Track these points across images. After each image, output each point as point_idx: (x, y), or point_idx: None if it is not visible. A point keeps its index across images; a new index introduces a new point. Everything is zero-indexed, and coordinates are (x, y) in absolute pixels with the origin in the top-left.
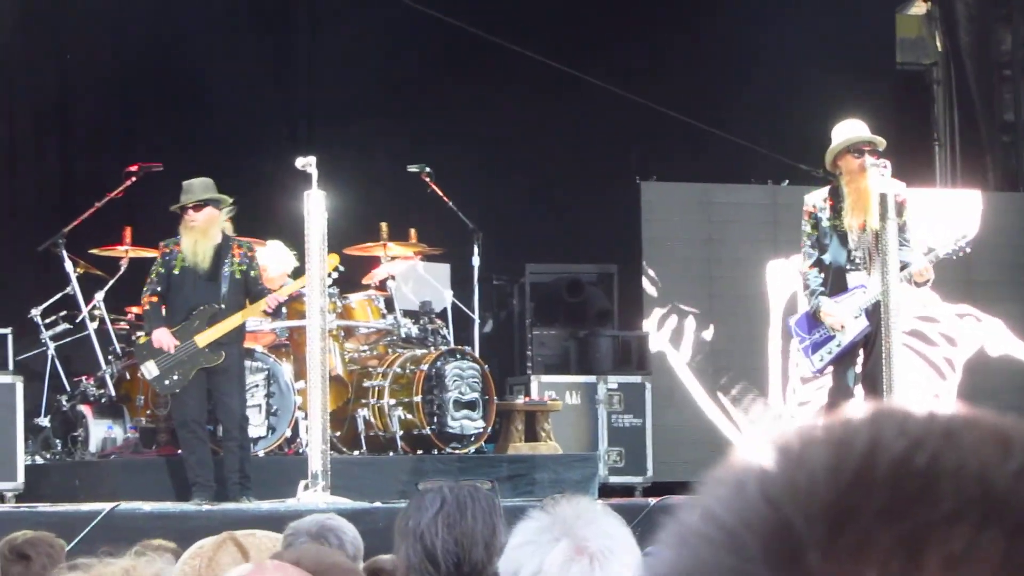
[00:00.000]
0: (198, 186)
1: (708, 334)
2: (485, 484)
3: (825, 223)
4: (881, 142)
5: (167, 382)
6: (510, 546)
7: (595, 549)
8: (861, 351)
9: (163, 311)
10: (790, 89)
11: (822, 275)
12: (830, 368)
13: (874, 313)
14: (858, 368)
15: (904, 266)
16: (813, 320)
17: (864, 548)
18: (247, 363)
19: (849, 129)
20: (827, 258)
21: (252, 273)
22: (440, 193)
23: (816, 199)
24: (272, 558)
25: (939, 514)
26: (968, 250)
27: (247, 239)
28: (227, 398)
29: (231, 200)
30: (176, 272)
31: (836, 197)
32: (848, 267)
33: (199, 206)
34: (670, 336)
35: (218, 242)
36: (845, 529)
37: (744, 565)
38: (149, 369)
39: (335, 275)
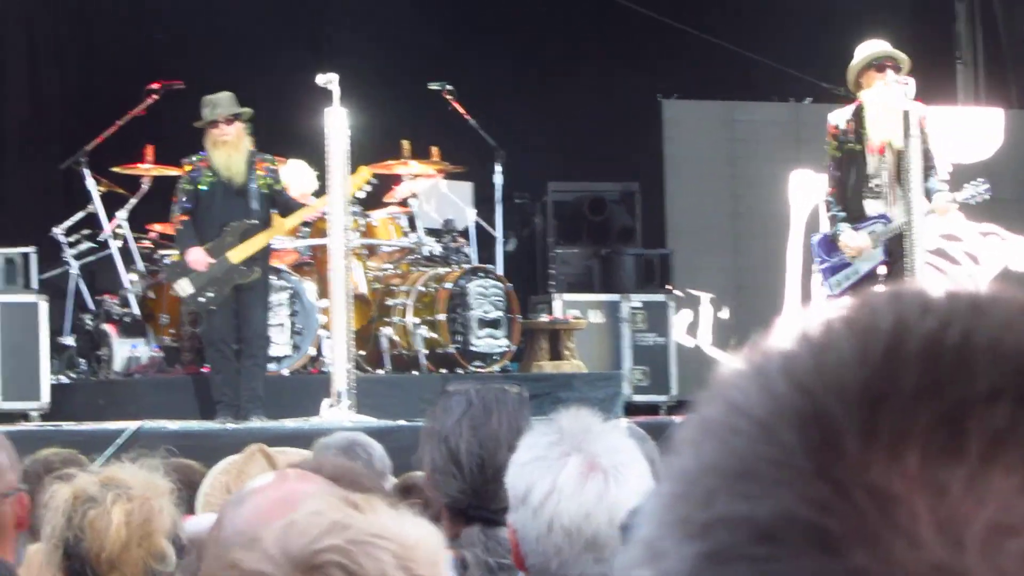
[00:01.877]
0: (226, 100)
1: (730, 252)
2: (514, 388)
3: (848, 146)
4: (904, 59)
5: (202, 299)
6: (518, 462)
7: (608, 465)
8: (880, 281)
9: (194, 229)
10: (812, 6)
11: (840, 198)
12: (845, 295)
13: (893, 245)
14: None
15: (928, 193)
16: (832, 244)
17: (903, 430)
18: (271, 281)
19: (870, 46)
20: (849, 182)
21: (277, 187)
22: (462, 111)
23: (839, 119)
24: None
25: (977, 392)
26: (988, 196)
27: (268, 154)
28: (252, 316)
29: (252, 113)
30: (204, 188)
31: (858, 119)
32: (865, 193)
33: (230, 119)
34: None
35: (248, 155)
36: (882, 412)
37: (782, 455)
38: (183, 287)
39: (368, 188)
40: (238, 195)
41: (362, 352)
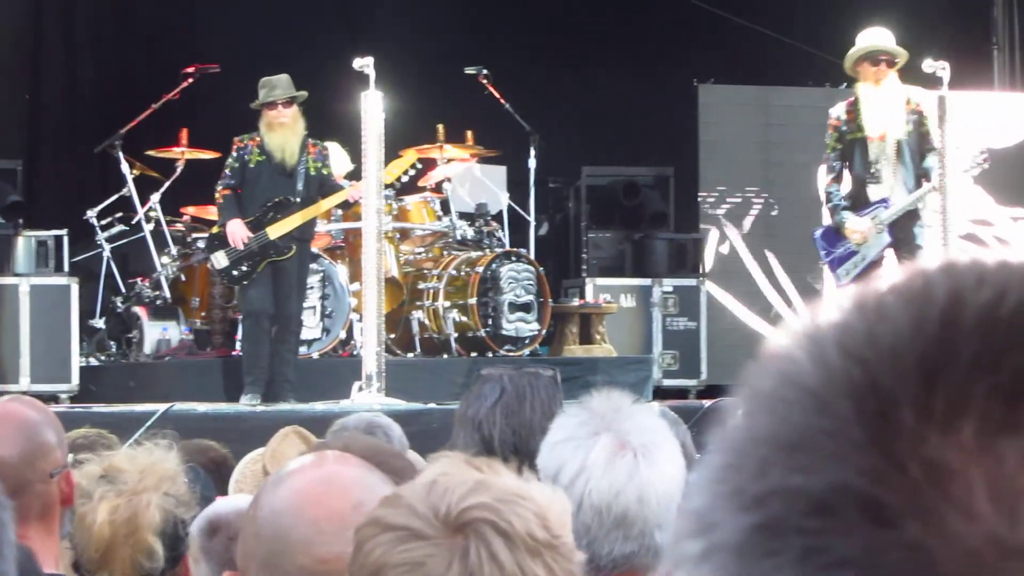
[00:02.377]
0: (284, 82)
1: (764, 237)
2: (547, 371)
3: (848, 136)
4: (900, 52)
5: (235, 273)
6: (550, 442)
7: (638, 444)
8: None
9: (237, 204)
10: None
11: (844, 189)
12: (855, 283)
13: (898, 228)
14: None
15: (926, 172)
16: (836, 235)
17: (960, 401)
18: None
19: (872, 37)
20: (850, 171)
21: (325, 171)
22: (497, 95)
23: (839, 111)
24: (318, 447)
25: None
26: (986, 165)
27: (319, 140)
28: (288, 298)
29: (306, 95)
30: (251, 166)
31: (855, 107)
32: (868, 179)
33: (288, 102)
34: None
35: (303, 138)
36: (938, 383)
37: (838, 426)
38: (219, 259)
39: (412, 172)
40: (286, 176)
41: (392, 335)
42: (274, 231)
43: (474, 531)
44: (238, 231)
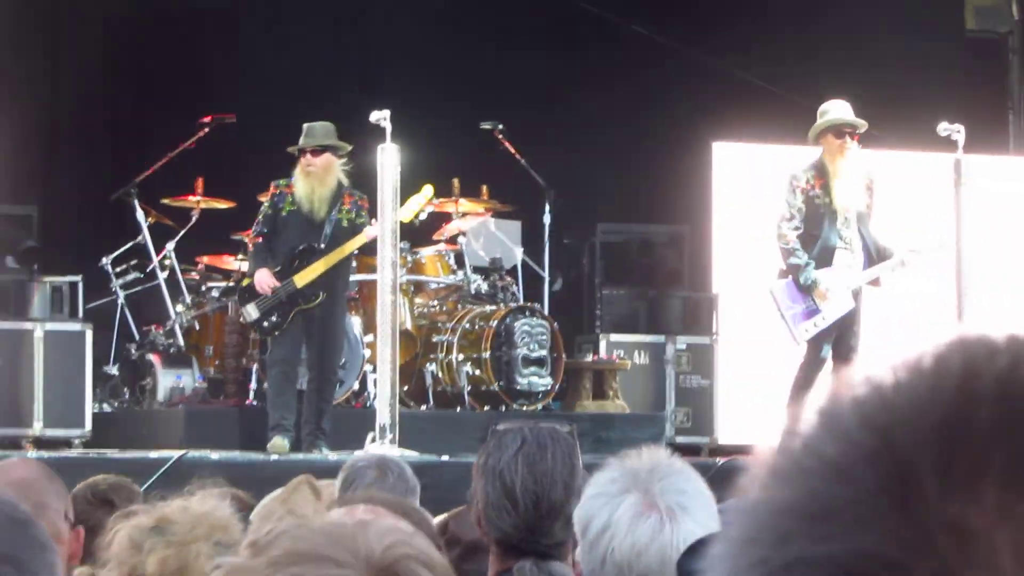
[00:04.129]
0: (319, 131)
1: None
2: (565, 427)
3: (817, 200)
4: (863, 124)
5: (266, 324)
6: (585, 495)
7: (665, 505)
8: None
9: (267, 252)
10: (865, 55)
11: (807, 248)
12: (807, 338)
13: (854, 294)
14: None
15: (879, 249)
16: (800, 291)
17: (981, 468)
18: None
19: (835, 109)
20: (818, 234)
21: (359, 221)
22: (512, 150)
23: (808, 176)
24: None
25: None
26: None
27: (359, 191)
28: (319, 347)
29: (350, 148)
30: (284, 214)
31: (822, 175)
32: (839, 245)
33: (318, 151)
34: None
35: (333, 189)
36: (958, 451)
37: (860, 494)
38: (249, 312)
39: (431, 208)
40: (315, 224)
41: (405, 387)
42: (300, 279)
43: (405, 569)
44: (265, 280)
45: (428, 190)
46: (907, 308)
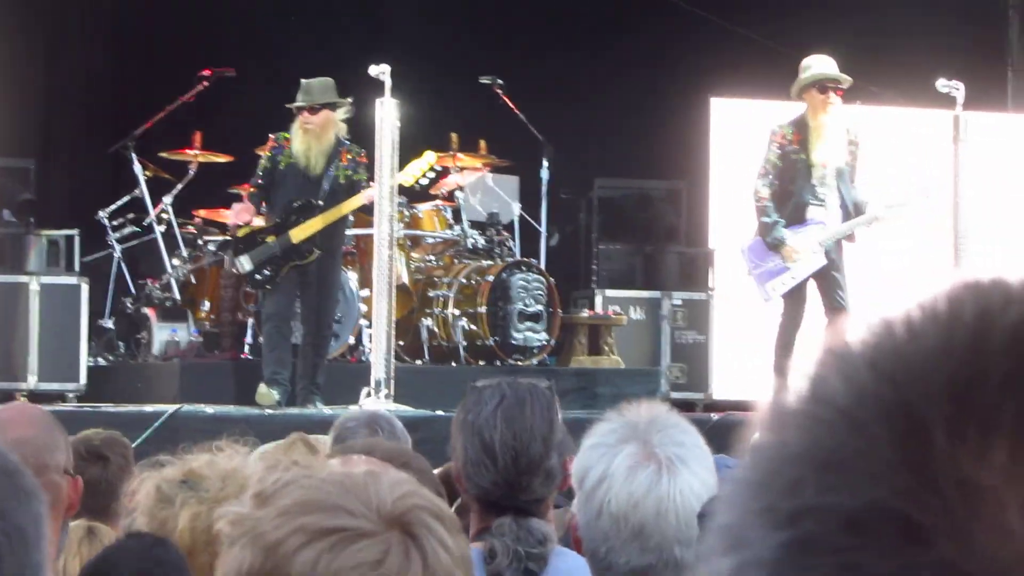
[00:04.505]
0: (317, 88)
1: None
2: (543, 382)
3: (793, 156)
4: (847, 80)
5: (259, 276)
6: (583, 446)
7: (663, 456)
8: (815, 284)
9: (261, 202)
10: (862, 11)
11: (776, 201)
12: (774, 296)
13: (829, 249)
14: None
15: (857, 205)
16: (767, 249)
17: (991, 421)
18: None
19: (817, 65)
20: (792, 190)
21: (356, 177)
22: (511, 105)
23: (785, 130)
24: (338, 451)
25: None
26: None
27: (357, 146)
28: (313, 302)
29: (349, 102)
30: (281, 167)
31: (802, 130)
32: (812, 201)
33: (315, 109)
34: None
35: (331, 145)
36: (969, 403)
37: (871, 446)
38: (242, 263)
39: (432, 175)
40: (312, 179)
41: (401, 342)
42: (296, 235)
43: (417, 520)
44: (243, 213)
45: (430, 156)
46: (901, 264)
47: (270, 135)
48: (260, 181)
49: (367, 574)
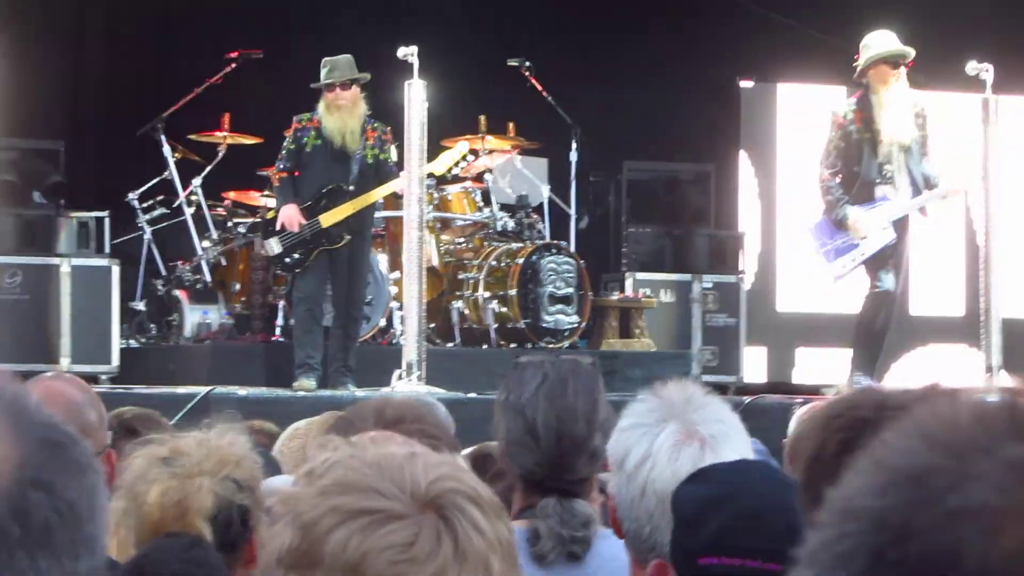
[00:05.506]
0: (344, 64)
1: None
2: (586, 359)
3: (856, 135)
4: (912, 52)
5: (288, 260)
6: (619, 428)
7: (705, 434)
8: (889, 261)
9: (292, 188)
10: None
11: (843, 184)
12: (847, 275)
13: (899, 225)
14: (890, 276)
15: (927, 179)
16: (834, 227)
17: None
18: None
19: (883, 40)
20: (858, 170)
21: (382, 156)
22: (540, 87)
23: (846, 110)
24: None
25: None
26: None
27: (381, 122)
28: (344, 285)
29: (369, 76)
30: (308, 150)
31: (865, 108)
32: (877, 179)
33: (347, 84)
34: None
35: (363, 121)
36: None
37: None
38: (272, 246)
39: (465, 164)
40: (341, 160)
41: (432, 325)
42: (326, 219)
43: (449, 503)
44: (292, 215)
45: (463, 146)
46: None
47: (293, 118)
48: (288, 165)
49: (396, 556)
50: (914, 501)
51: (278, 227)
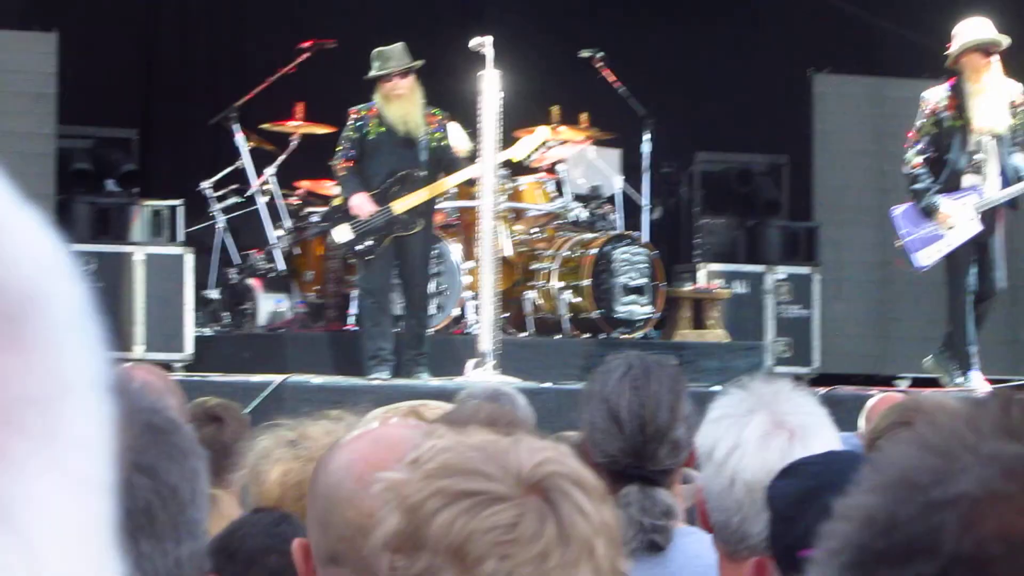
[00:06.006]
0: (398, 52)
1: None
2: (672, 359)
3: (947, 123)
4: (1007, 41)
5: (359, 247)
6: (708, 419)
7: (794, 424)
8: (972, 256)
9: (358, 177)
10: None
11: (932, 173)
12: (927, 264)
13: (987, 217)
14: (974, 269)
15: (1017, 171)
16: (921, 216)
17: None
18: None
19: (976, 27)
20: (947, 158)
21: (444, 142)
22: (612, 78)
23: (938, 96)
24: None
25: None
26: None
27: (438, 108)
28: (414, 272)
29: (423, 63)
30: (371, 138)
31: (958, 96)
32: (967, 169)
33: (404, 73)
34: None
35: (423, 109)
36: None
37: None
38: (343, 232)
39: (542, 151)
40: (407, 146)
41: (506, 315)
42: (399, 206)
43: (553, 485)
44: (364, 205)
45: (543, 131)
46: None
47: (350, 110)
48: (352, 154)
49: (500, 537)
50: (900, 498)
51: (353, 216)
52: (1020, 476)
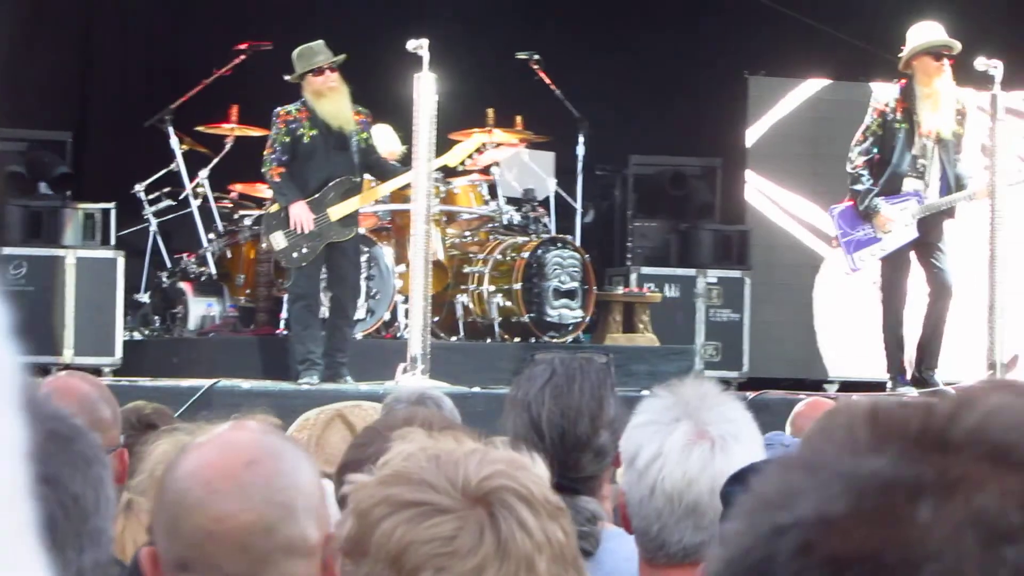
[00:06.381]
0: (323, 47)
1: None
2: (601, 358)
3: (894, 124)
4: (957, 46)
5: (295, 255)
6: (632, 424)
7: (716, 434)
8: (914, 257)
9: (293, 182)
10: None
11: (873, 175)
12: (860, 267)
13: (925, 225)
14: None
15: (958, 178)
16: (859, 218)
17: None
18: None
19: (928, 31)
20: (891, 159)
21: (370, 141)
22: (547, 81)
23: (888, 98)
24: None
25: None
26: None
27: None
28: (344, 279)
29: (345, 57)
30: (305, 142)
31: (908, 98)
32: (909, 172)
33: (334, 67)
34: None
35: (350, 104)
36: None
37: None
38: (277, 240)
39: (478, 156)
40: (341, 148)
41: (436, 318)
42: (335, 213)
43: (498, 500)
44: (303, 215)
45: (478, 138)
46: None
47: (278, 111)
48: (284, 159)
49: (438, 549)
50: (754, 522)
51: (291, 225)
52: (861, 497)
